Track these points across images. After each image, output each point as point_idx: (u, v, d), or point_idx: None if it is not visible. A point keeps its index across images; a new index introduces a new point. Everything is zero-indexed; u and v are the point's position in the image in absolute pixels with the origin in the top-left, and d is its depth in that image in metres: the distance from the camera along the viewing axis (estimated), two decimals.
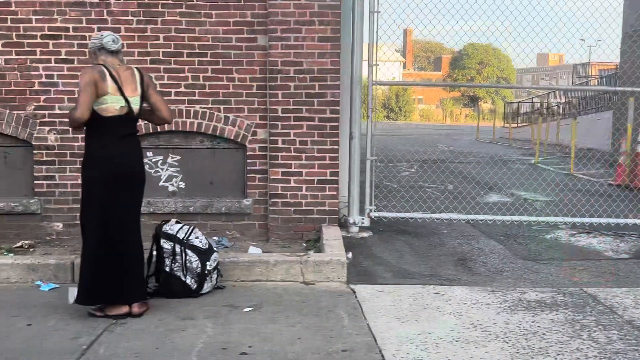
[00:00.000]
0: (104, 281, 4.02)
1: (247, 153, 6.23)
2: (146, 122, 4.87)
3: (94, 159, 4.02)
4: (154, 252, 4.58)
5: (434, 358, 3.48)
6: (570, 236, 6.43)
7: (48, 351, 3.55)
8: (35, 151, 6.11)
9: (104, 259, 4.02)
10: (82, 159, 4.18)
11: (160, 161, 6.24)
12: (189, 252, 4.49)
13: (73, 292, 4.49)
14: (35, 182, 6.14)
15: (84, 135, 5.97)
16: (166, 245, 4.50)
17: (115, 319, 4.06)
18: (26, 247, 5.88)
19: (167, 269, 4.48)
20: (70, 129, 4.30)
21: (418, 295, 4.58)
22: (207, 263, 4.54)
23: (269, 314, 4.20)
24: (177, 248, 4.48)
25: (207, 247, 4.61)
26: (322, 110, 6.08)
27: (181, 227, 4.60)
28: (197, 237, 4.60)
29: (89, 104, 3.88)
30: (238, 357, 3.49)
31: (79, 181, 6.07)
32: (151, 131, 6.05)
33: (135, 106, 4.08)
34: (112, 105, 3.97)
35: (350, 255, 5.37)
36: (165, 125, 5.47)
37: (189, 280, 4.49)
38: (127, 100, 4.02)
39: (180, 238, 4.52)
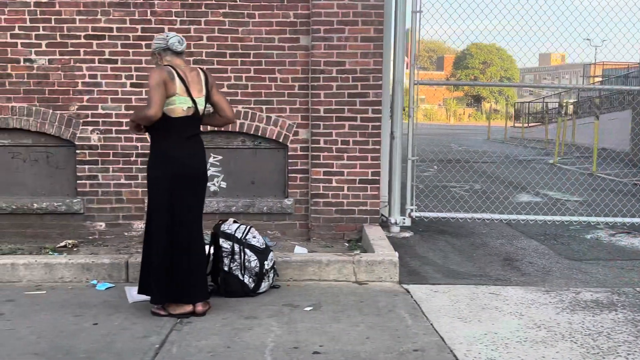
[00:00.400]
0: (171, 280, 4.04)
1: (289, 153, 6.24)
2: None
3: (161, 159, 4.03)
4: (212, 252, 4.59)
5: (506, 358, 3.50)
6: (610, 236, 6.45)
7: (122, 350, 3.56)
8: (78, 151, 6.13)
9: (172, 259, 4.03)
10: (147, 159, 4.20)
11: None
12: (247, 251, 4.51)
13: (130, 292, 4.54)
14: (78, 181, 6.16)
15: (127, 135, 6.10)
16: (225, 244, 4.51)
17: (179, 318, 4.07)
18: (70, 246, 5.90)
19: (226, 268, 4.50)
20: (132, 129, 4.26)
21: (474, 296, 4.60)
22: (265, 262, 4.56)
23: (330, 314, 4.21)
24: (236, 247, 4.50)
25: (264, 246, 4.63)
26: (364, 110, 6.10)
27: (238, 227, 4.61)
28: (254, 237, 4.61)
29: (162, 103, 3.89)
30: (312, 357, 3.50)
31: (122, 180, 6.20)
32: None
33: (201, 107, 4.10)
34: (180, 106, 3.98)
35: (397, 255, 5.38)
36: (208, 126, 5.44)
37: (247, 280, 4.51)
38: (194, 101, 4.03)
39: (239, 237, 4.54)
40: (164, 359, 3.45)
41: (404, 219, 6.33)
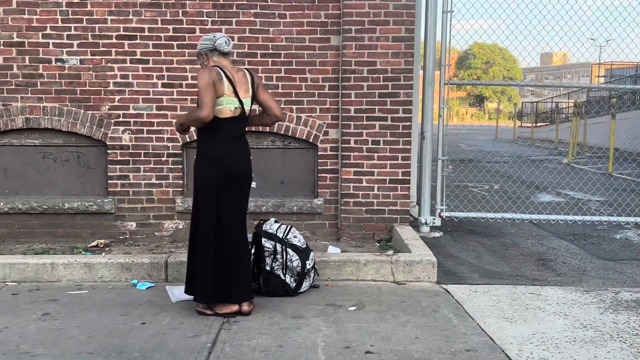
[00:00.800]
0: (217, 280, 4.05)
1: (318, 153, 6.25)
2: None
3: (208, 160, 4.04)
4: (253, 251, 4.59)
5: (558, 358, 3.50)
6: (639, 236, 6.45)
7: (175, 349, 3.57)
8: (109, 151, 6.14)
9: (219, 259, 4.05)
10: (195, 159, 4.20)
11: None
12: (289, 251, 4.52)
13: (172, 291, 4.55)
14: (109, 181, 6.17)
15: (158, 136, 6.10)
16: (267, 244, 4.52)
17: (225, 317, 4.08)
18: (101, 246, 5.91)
19: (268, 268, 4.51)
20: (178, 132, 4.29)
21: (514, 296, 4.60)
22: (307, 262, 4.57)
23: (374, 313, 4.22)
24: (278, 247, 4.51)
25: (305, 246, 4.64)
26: (394, 110, 6.11)
27: (279, 226, 4.62)
28: (295, 236, 4.62)
29: (213, 105, 3.90)
30: (365, 356, 3.51)
31: (153, 180, 6.20)
32: None
33: (247, 107, 4.11)
34: (228, 106, 3.99)
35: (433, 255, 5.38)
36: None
37: (288, 279, 4.52)
38: (240, 102, 4.04)
39: (280, 237, 4.55)
40: (218, 358, 3.46)
41: (434, 219, 6.33)
